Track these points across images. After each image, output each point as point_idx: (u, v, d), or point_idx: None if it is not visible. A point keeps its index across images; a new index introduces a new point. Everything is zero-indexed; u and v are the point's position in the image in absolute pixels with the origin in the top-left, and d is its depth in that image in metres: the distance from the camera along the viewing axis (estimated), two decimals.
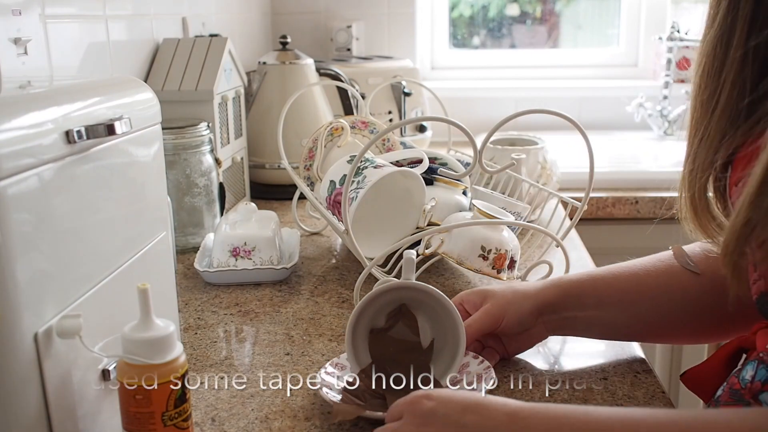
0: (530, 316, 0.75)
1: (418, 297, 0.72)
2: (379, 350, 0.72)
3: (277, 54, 1.47)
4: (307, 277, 1.03)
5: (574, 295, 0.75)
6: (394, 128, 1.45)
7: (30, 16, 0.88)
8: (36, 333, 0.50)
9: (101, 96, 0.62)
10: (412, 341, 0.72)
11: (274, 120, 1.30)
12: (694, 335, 0.78)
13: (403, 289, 0.71)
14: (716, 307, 0.71)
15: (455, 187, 1.07)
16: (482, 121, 1.74)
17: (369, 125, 1.19)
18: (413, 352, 0.72)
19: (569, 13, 2.23)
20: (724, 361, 0.68)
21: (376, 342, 0.72)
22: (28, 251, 0.50)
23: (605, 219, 1.54)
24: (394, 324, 0.72)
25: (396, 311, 0.72)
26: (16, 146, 0.49)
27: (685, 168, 0.65)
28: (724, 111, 0.60)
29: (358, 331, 0.71)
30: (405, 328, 0.72)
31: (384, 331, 0.72)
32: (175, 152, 1.11)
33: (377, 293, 0.71)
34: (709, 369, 0.69)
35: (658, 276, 0.74)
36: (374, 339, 0.72)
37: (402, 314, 0.72)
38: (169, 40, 1.28)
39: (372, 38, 2.09)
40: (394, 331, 0.72)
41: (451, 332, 0.71)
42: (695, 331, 0.76)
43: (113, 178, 0.62)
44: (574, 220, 0.96)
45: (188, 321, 0.89)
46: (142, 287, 0.55)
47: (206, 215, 1.16)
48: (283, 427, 0.66)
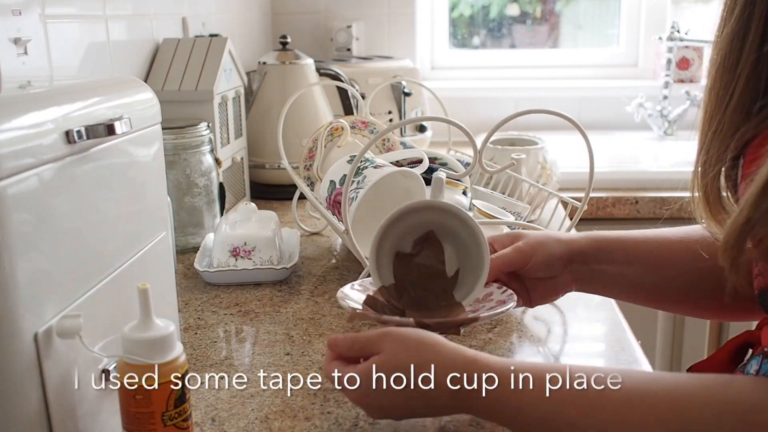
0: (560, 260, 0.74)
1: (446, 222, 0.71)
2: (403, 273, 0.72)
3: (277, 54, 1.47)
4: (307, 277, 1.03)
5: (605, 249, 0.75)
6: (394, 128, 1.45)
7: (30, 16, 0.88)
8: (36, 333, 0.50)
9: (101, 96, 0.62)
10: (437, 268, 0.72)
11: (274, 120, 1.30)
12: (715, 310, 0.78)
13: (432, 209, 0.71)
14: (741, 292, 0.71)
15: (455, 187, 1.07)
16: (482, 121, 1.74)
17: (369, 125, 1.19)
18: (437, 278, 0.71)
19: (569, 13, 2.23)
20: (730, 356, 0.68)
21: (400, 265, 0.72)
22: (28, 251, 0.50)
23: (605, 219, 1.54)
24: (421, 251, 0.72)
25: (423, 238, 0.72)
26: (16, 146, 0.49)
27: (698, 161, 0.65)
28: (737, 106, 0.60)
29: (383, 250, 0.71)
30: (431, 255, 0.72)
31: (411, 256, 0.72)
32: (175, 152, 1.11)
33: (405, 210, 0.70)
34: (714, 364, 0.70)
35: (689, 244, 0.74)
36: (399, 262, 0.72)
37: (429, 241, 0.72)
38: (169, 40, 1.28)
39: (372, 38, 2.09)
40: (420, 257, 0.72)
41: (477, 261, 0.71)
42: (717, 307, 0.75)
43: (113, 178, 0.62)
44: (574, 220, 0.96)
45: (188, 321, 0.89)
46: (142, 287, 0.55)
47: (206, 215, 1.16)
48: (283, 427, 0.66)
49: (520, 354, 0.80)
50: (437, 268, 0.72)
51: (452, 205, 0.71)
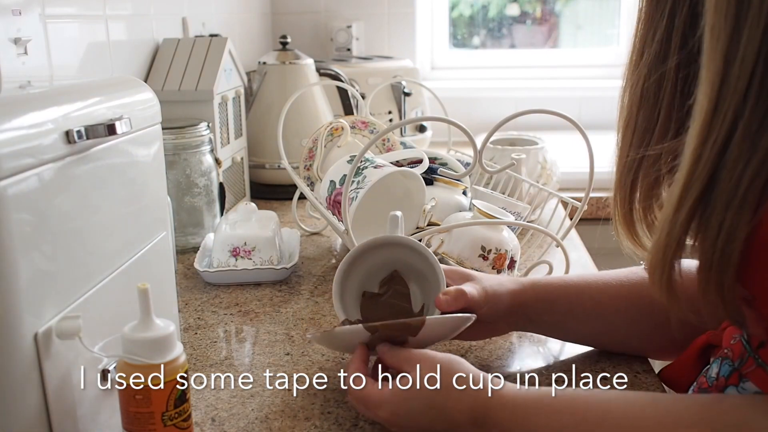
0: (504, 313, 0.75)
1: (407, 259, 0.73)
2: (370, 313, 0.73)
3: (277, 54, 1.47)
4: (307, 277, 1.03)
5: (548, 299, 0.76)
6: (394, 128, 1.45)
7: (30, 16, 0.88)
8: (36, 333, 0.50)
9: (101, 96, 0.62)
10: (404, 306, 0.73)
11: (274, 120, 1.30)
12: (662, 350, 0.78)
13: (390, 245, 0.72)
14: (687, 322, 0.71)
15: (455, 187, 1.07)
16: (482, 121, 1.74)
17: (369, 125, 1.19)
18: (404, 316, 0.72)
19: (569, 13, 2.23)
20: (696, 356, 0.69)
21: (368, 305, 0.73)
22: (28, 251, 0.50)
23: (605, 219, 1.53)
24: (388, 290, 0.74)
25: (389, 278, 0.74)
26: (16, 146, 0.49)
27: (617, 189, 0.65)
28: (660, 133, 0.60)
29: (348, 289, 0.73)
30: (397, 294, 0.74)
31: (378, 296, 0.74)
32: (175, 152, 1.11)
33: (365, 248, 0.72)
34: (683, 364, 0.71)
35: (630, 288, 0.75)
36: (366, 302, 0.73)
37: (395, 280, 0.73)
38: (169, 40, 1.28)
39: (372, 38, 2.09)
40: (386, 296, 0.74)
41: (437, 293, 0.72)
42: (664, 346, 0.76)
43: (113, 178, 0.62)
44: (574, 220, 0.96)
45: (188, 321, 0.89)
46: (142, 287, 0.55)
47: (206, 215, 1.16)
48: (283, 427, 0.66)
49: (520, 354, 0.80)
50: (403, 306, 0.73)
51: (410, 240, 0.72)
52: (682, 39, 0.56)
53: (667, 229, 0.52)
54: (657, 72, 0.58)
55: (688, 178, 0.50)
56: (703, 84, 0.49)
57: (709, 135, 0.48)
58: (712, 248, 0.49)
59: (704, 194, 0.50)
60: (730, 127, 0.48)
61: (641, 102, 0.61)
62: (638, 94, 0.61)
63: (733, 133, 0.48)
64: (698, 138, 0.49)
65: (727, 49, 0.47)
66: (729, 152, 0.48)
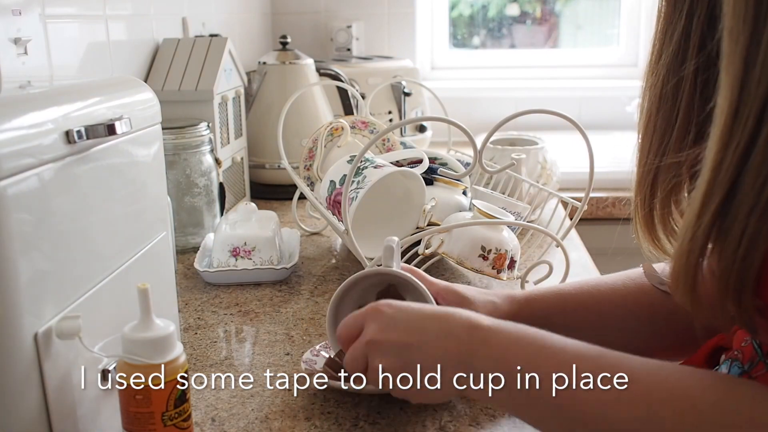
0: None
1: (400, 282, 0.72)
2: None
3: (277, 54, 1.47)
4: (307, 277, 1.03)
5: (543, 316, 0.75)
6: (394, 128, 1.45)
7: (30, 16, 0.88)
8: (36, 333, 0.50)
9: (101, 96, 0.62)
10: None
11: (274, 120, 1.30)
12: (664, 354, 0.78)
13: (380, 275, 0.72)
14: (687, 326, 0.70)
15: (455, 187, 1.07)
16: (482, 121, 1.74)
17: (369, 125, 1.19)
18: None
19: (569, 13, 2.23)
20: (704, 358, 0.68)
21: None
22: (28, 251, 0.50)
23: (605, 219, 1.54)
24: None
25: (384, 292, 0.73)
26: (16, 146, 0.49)
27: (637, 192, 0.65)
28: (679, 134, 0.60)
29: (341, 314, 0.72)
30: None
31: None
32: (175, 152, 1.11)
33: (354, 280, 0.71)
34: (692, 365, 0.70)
35: (627, 296, 0.74)
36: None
37: (390, 296, 0.73)
38: (169, 40, 1.28)
39: (372, 38, 2.09)
40: None
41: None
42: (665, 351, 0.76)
43: (113, 178, 0.62)
44: (574, 220, 0.96)
45: (188, 321, 0.89)
46: (142, 287, 0.55)
47: (206, 215, 1.16)
48: (283, 427, 0.66)
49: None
50: None
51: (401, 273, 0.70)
52: (701, 40, 0.56)
53: (689, 235, 0.51)
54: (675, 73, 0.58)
55: (710, 183, 0.49)
56: (723, 88, 0.48)
57: (731, 140, 0.48)
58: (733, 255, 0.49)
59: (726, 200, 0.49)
60: (752, 131, 0.47)
61: (660, 103, 0.60)
62: (657, 95, 0.60)
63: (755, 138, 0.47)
64: (719, 143, 0.48)
65: (747, 52, 0.47)
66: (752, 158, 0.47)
